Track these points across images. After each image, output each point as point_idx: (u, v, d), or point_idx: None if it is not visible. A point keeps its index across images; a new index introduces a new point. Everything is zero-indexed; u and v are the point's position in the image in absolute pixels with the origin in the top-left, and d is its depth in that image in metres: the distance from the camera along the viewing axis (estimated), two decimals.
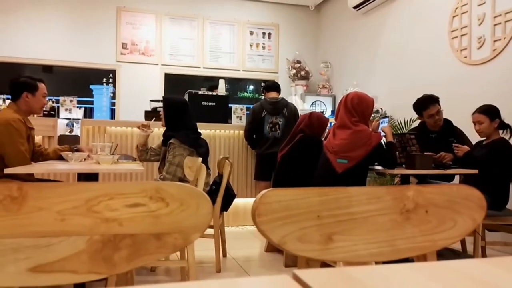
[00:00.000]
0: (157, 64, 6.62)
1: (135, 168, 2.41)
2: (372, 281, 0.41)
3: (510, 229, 3.00)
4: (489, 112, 3.07)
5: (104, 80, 6.59)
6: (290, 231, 0.79)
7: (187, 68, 6.77)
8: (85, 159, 2.82)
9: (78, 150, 3.01)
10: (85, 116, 5.44)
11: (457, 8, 4.21)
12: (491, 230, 3.17)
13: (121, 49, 6.46)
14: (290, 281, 0.41)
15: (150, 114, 4.42)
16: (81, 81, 6.53)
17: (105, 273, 0.67)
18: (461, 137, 3.35)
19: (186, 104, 3.26)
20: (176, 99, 3.37)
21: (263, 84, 5.57)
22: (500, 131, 3.10)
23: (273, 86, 4.57)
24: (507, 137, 3.07)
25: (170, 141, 3.01)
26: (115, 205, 0.67)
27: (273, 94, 4.45)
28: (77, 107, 4.86)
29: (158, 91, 6.47)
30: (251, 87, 7.42)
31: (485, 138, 3.17)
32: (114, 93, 6.49)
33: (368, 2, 5.53)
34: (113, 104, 6.51)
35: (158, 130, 4.27)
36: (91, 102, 6.36)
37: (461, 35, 4.17)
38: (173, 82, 6.67)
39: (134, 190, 0.68)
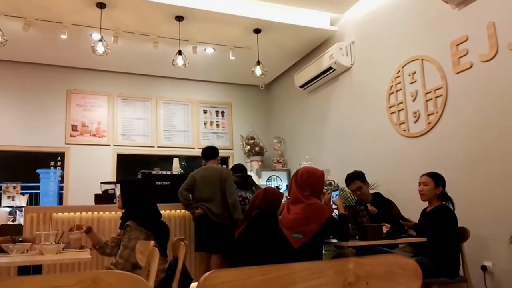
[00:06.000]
0: (109, 145, 6.55)
1: (80, 257, 2.28)
2: None
3: None
4: (436, 177, 3.26)
5: (52, 163, 6.39)
6: None
7: (140, 148, 6.75)
8: (27, 250, 2.64)
9: (23, 241, 2.82)
10: (30, 202, 5.20)
11: (392, 86, 4.59)
12: None
13: (70, 131, 6.36)
14: None
15: (101, 197, 4.30)
16: (27, 166, 6.30)
17: None
18: (390, 207, 3.56)
19: (143, 184, 3.21)
20: (133, 180, 3.34)
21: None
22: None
23: (241, 168, 4.93)
24: None
25: (127, 223, 2.90)
26: None
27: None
28: (21, 193, 4.65)
29: (110, 172, 6.35)
30: None
31: (427, 205, 3.33)
32: (62, 176, 6.29)
33: (312, 82, 5.91)
34: (61, 188, 6.28)
35: (109, 213, 4.14)
36: (38, 188, 6.10)
37: (398, 110, 4.50)
38: (125, 162, 6.58)
39: (69, 282, 0.66)
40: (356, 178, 3.76)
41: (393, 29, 4.62)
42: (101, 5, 4.72)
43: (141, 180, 3.33)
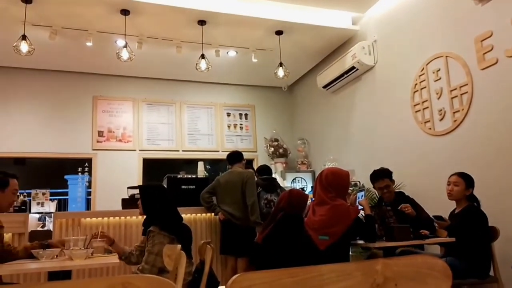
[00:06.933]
0: (134, 150, 6.64)
1: (109, 261, 2.31)
2: None
3: None
4: (468, 179, 3.18)
5: (80, 169, 6.51)
6: None
7: (165, 152, 6.82)
8: (57, 256, 2.69)
9: (49, 245, 2.85)
10: (59, 208, 5.31)
11: (416, 84, 4.51)
12: None
13: (97, 137, 6.48)
14: None
15: (128, 202, 4.37)
16: (55, 172, 6.42)
17: None
18: (414, 205, 3.46)
19: (163, 189, 3.22)
20: (152, 185, 3.33)
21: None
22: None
23: (267, 170, 4.91)
24: None
25: (150, 228, 2.92)
26: None
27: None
28: (50, 199, 4.76)
29: (136, 177, 6.44)
30: None
31: (452, 204, 3.25)
32: (90, 182, 6.40)
33: (335, 82, 5.87)
34: (89, 193, 6.39)
35: (136, 218, 4.20)
36: (66, 194, 6.22)
37: (423, 109, 4.41)
38: (151, 167, 6.65)
39: (99, 286, 0.67)
40: (385, 175, 3.62)
41: (416, 26, 4.54)
42: (125, 12, 4.81)
43: (159, 184, 3.33)
